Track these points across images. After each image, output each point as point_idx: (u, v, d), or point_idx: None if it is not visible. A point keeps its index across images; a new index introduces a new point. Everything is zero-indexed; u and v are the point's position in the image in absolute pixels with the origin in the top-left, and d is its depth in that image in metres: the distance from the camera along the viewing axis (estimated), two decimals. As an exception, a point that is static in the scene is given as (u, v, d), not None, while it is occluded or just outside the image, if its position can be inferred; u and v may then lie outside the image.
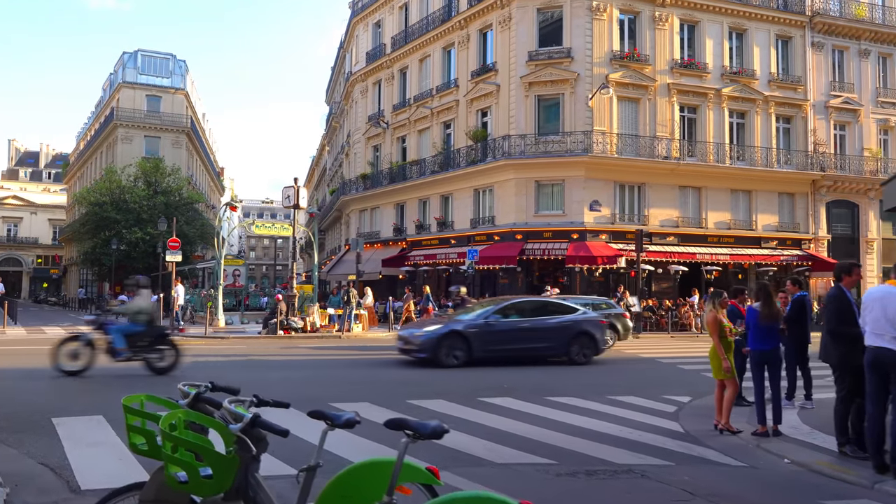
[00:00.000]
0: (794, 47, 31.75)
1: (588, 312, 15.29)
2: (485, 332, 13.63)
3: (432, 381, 11.32)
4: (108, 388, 9.76)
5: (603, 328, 15.11)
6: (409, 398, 9.17)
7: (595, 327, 14.74)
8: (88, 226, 43.93)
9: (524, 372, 12.75)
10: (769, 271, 30.09)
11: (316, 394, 9.49)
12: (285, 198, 21.22)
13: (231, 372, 12.17)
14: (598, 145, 27.56)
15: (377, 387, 10.69)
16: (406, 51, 36.02)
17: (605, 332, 15.22)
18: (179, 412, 2.84)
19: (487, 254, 27.69)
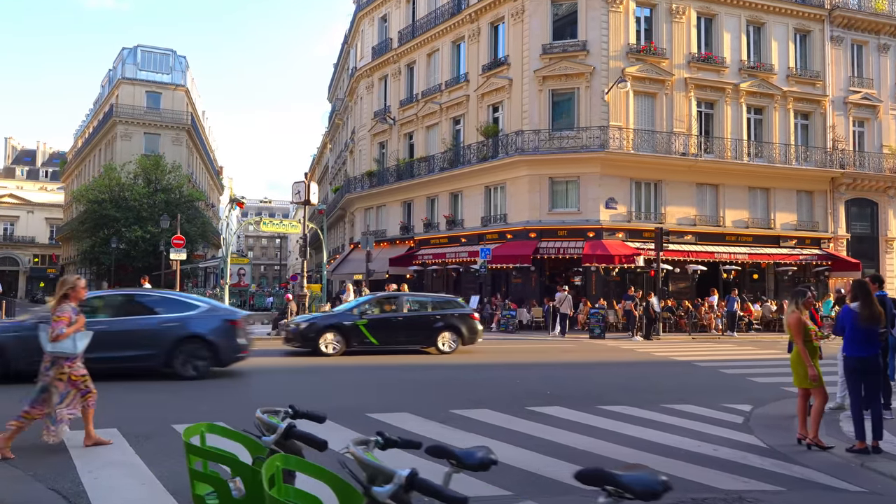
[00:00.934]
0: (812, 41, 31.01)
1: (212, 309, 11.72)
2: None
3: (468, 384, 10.53)
4: (123, 394, 8.93)
5: (229, 333, 11.19)
6: (451, 406, 8.37)
7: (218, 331, 11.05)
8: (87, 224, 43.06)
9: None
10: (788, 271, 29.36)
11: (349, 403, 8.68)
12: (295, 193, 20.39)
13: (247, 377, 11.35)
14: (614, 141, 26.78)
15: (412, 392, 9.89)
16: (413, 45, 35.20)
17: (234, 337, 11.27)
18: (277, 459, 2.02)
19: (500, 252, 26.89)
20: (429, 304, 16.74)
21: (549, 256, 26.73)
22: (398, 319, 15.78)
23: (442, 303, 16.85)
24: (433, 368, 13.19)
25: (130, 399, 8.88)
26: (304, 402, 3.15)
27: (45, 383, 5.90)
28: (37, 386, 5.94)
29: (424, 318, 15.94)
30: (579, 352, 17.23)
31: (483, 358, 15.26)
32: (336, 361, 14.03)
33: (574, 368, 13.73)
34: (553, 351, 17.42)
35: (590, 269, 26.49)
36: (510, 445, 6.37)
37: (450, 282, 32.41)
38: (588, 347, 18.54)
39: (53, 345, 5.94)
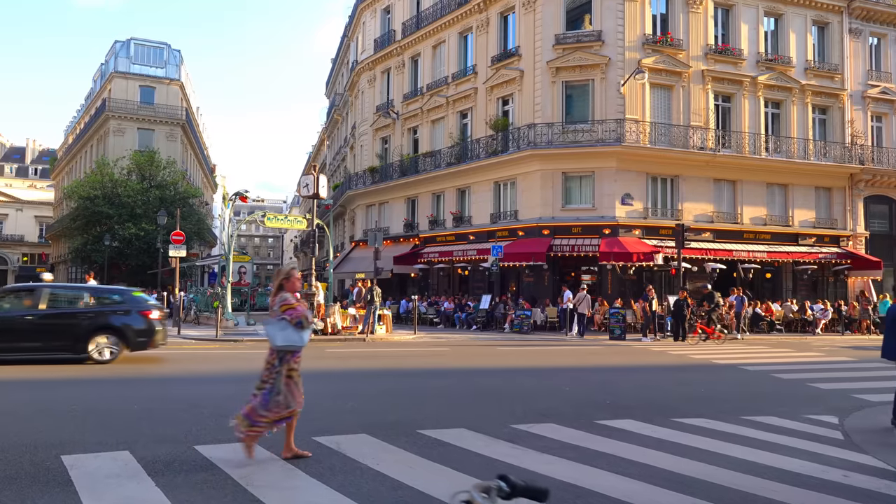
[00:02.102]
0: (831, 34, 30.15)
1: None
2: None
3: (515, 393, 9.48)
4: (132, 410, 7.81)
5: None
6: (511, 420, 7.31)
7: None
8: (79, 221, 41.71)
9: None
10: (808, 270, 28.47)
11: (395, 416, 7.56)
12: (304, 186, 19.26)
13: None
14: (630, 135, 25.80)
15: (461, 403, 8.81)
16: (418, 37, 34.12)
17: None
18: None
19: (512, 250, 25.88)
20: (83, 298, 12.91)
21: (563, 254, 25.74)
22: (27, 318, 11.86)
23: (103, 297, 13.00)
24: (440, 375, 12.11)
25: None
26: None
27: (276, 382, 5.47)
28: (266, 386, 5.51)
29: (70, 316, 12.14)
30: (610, 354, 16.21)
31: (513, 361, 14.21)
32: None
33: (616, 373, 12.69)
34: (581, 353, 16.40)
35: (605, 268, 25.51)
36: (609, 473, 5.34)
37: (457, 280, 31.39)
38: (616, 349, 17.52)
39: (284, 337, 5.48)
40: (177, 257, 22.43)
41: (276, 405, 5.42)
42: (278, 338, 5.51)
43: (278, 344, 5.51)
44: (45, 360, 11.72)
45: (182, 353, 14.45)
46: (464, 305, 27.33)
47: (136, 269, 40.32)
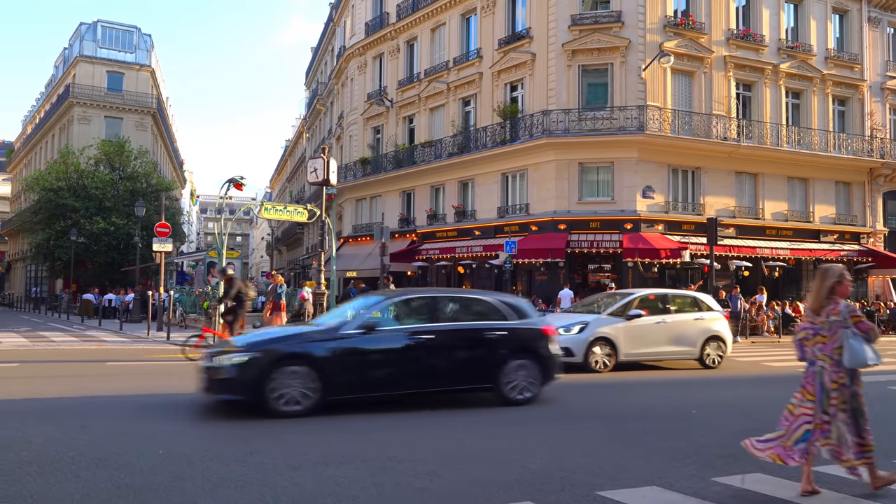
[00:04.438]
0: (850, 22, 28.95)
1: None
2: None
3: (651, 417, 7.49)
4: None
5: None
6: (694, 467, 5.29)
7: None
8: (41, 215, 38.53)
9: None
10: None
11: (539, 464, 5.50)
12: (312, 171, 17.03)
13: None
14: (652, 122, 24.09)
15: (593, 437, 6.76)
16: (415, 19, 32.00)
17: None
18: None
19: (525, 246, 23.96)
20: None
21: (581, 250, 23.93)
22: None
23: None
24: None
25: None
26: None
27: (852, 402, 4.78)
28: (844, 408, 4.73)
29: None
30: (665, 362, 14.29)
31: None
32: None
33: (710, 388, 10.77)
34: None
35: (626, 265, 23.75)
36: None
37: (460, 279, 29.34)
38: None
39: (860, 354, 4.68)
40: (162, 252, 19.92)
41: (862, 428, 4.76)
42: (861, 355, 4.68)
43: (859, 363, 4.69)
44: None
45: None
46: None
47: (105, 267, 37.37)
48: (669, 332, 12.56)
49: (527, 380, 8.34)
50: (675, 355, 12.74)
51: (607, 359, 11.92)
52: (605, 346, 11.92)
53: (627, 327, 12.11)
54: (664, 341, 12.46)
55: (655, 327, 12.47)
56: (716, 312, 13.39)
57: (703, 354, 12.78)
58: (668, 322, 12.63)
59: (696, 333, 12.76)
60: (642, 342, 12.26)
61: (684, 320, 12.85)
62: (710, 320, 13.05)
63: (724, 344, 13.07)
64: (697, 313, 13.11)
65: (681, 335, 12.65)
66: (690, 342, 12.70)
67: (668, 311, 12.93)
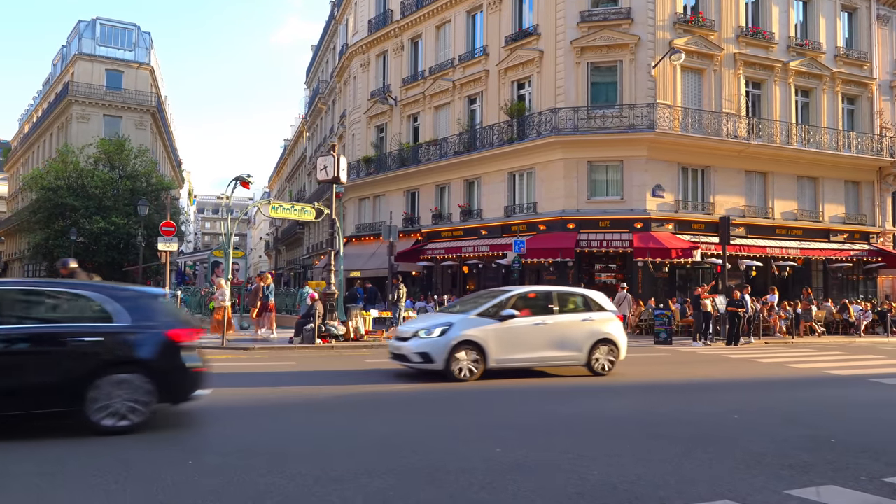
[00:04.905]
0: (859, 19, 28.72)
1: None
2: None
3: (697, 423, 7.18)
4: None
5: None
6: (765, 478, 4.98)
7: None
8: (40, 214, 38.07)
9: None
10: (842, 268, 26.91)
11: (600, 476, 5.17)
12: (321, 169, 16.72)
13: (323, 426, 7.36)
14: (662, 120, 23.81)
15: (650, 447, 6.44)
16: (419, 17, 31.65)
17: None
18: None
19: (533, 245, 23.64)
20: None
21: (591, 250, 23.65)
22: None
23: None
24: (573, 394, 9.78)
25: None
26: None
27: None
28: None
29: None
30: (690, 364, 13.99)
31: (587, 378, 11.93)
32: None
33: (746, 391, 10.41)
34: (654, 363, 14.17)
35: (636, 265, 23.47)
36: None
37: (465, 279, 29.03)
38: (687, 357, 15.37)
39: None
40: (167, 251, 19.56)
41: None
42: None
43: None
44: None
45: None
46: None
47: (105, 267, 36.90)
48: (551, 335, 11.20)
49: (130, 401, 6.45)
50: (557, 361, 11.35)
51: (474, 365, 10.49)
52: (472, 351, 10.50)
53: (499, 330, 10.67)
54: (544, 345, 11.11)
55: (534, 329, 11.05)
56: (608, 313, 12.07)
57: (591, 360, 11.49)
58: (549, 324, 11.23)
59: (583, 336, 11.47)
60: (518, 346, 10.87)
61: (569, 322, 11.54)
62: (600, 321, 11.75)
63: (616, 348, 11.82)
64: (586, 314, 11.80)
65: (564, 338, 11.31)
66: (576, 346, 11.38)
67: (551, 312, 11.50)
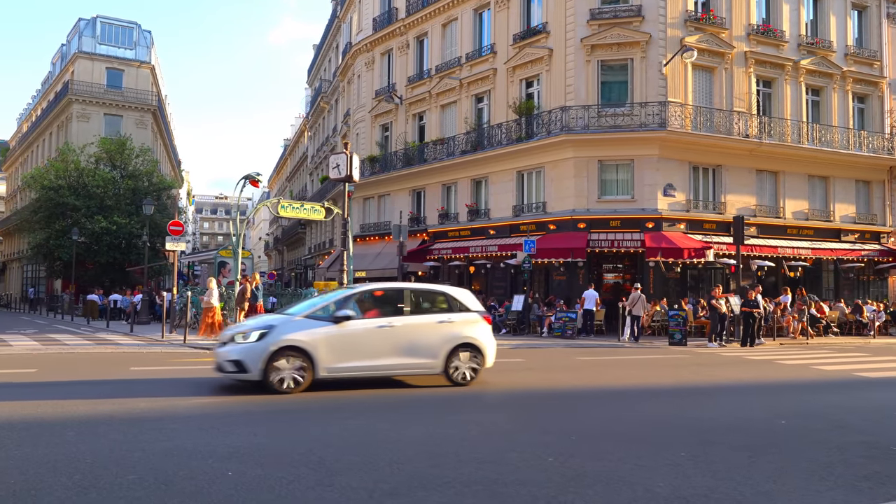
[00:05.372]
0: (869, 18, 28.54)
1: None
2: None
3: (750, 430, 6.91)
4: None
5: None
6: (845, 491, 4.71)
7: None
8: (41, 214, 37.69)
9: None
10: (853, 268, 26.69)
11: (670, 487, 4.89)
12: (333, 167, 16.41)
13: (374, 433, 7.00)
14: (674, 119, 23.56)
15: (708, 453, 6.15)
16: (425, 15, 31.39)
17: None
18: None
19: (543, 245, 23.41)
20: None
21: (601, 250, 23.39)
22: None
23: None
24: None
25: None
26: None
27: None
28: None
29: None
30: (710, 366, 13.72)
31: (622, 378, 11.63)
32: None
33: (777, 394, 10.15)
34: (672, 365, 13.89)
35: (647, 265, 23.21)
36: None
37: (471, 279, 28.76)
38: (706, 359, 15.09)
39: None
40: (175, 251, 19.25)
41: None
42: None
43: None
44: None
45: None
46: (489, 307, 24.70)
47: (106, 267, 36.62)
48: (399, 339, 9.76)
49: None
50: (406, 369, 9.92)
51: (299, 375, 9.06)
52: (297, 357, 9.07)
53: (334, 333, 9.30)
54: (390, 351, 9.68)
55: (377, 333, 9.66)
56: (473, 314, 10.53)
57: (448, 367, 9.97)
58: (396, 326, 9.79)
59: (440, 341, 9.96)
60: (357, 353, 9.47)
61: (422, 324, 10.12)
62: (461, 324, 10.23)
63: (480, 354, 10.25)
64: (444, 315, 10.32)
65: (415, 343, 9.86)
66: (430, 352, 9.88)
67: (401, 312, 10.12)
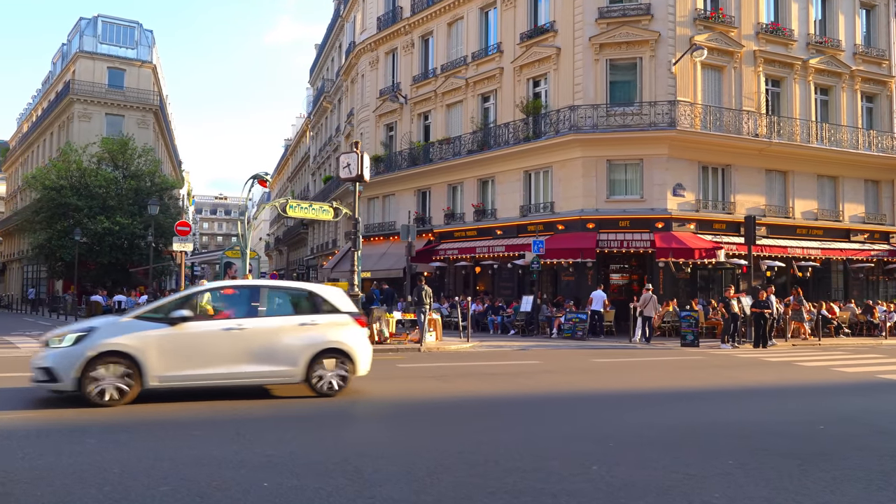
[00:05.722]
0: (877, 17, 28.40)
1: None
2: None
3: (794, 436, 6.71)
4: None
5: None
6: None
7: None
8: (43, 214, 37.44)
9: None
10: (862, 269, 26.53)
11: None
12: (344, 167, 16.24)
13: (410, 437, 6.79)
14: (683, 118, 23.38)
15: (763, 465, 5.96)
16: (430, 14, 31.20)
17: None
18: None
19: (552, 246, 23.22)
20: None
21: (611, 250, 23.22)
22: None
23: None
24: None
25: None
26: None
27: None
28: None
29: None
30: (730, 367, 13.54)
31: (640, 380, 11.44)
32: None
33: (802, 397, 10.02)
34: (689, 367, 13.71)
35: (657, 266, 23.03)
36: None
37: (477, 279, 28.58)
38: (724, 360, 14.92)
39: None
40: (182, 251, 19.07)
41: None
42: None
43: None
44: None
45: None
46: (497, 308, 24.52)
47: (108, 268, 36.39)
48: (250, 344, 8.61)
49: None
50: (259, 377, 8.74)
51: (123, 384, 7.97)
52: (121, 364, 7.98)
53: (168, 336, 8.25)
54: (239, 357, 8.54)
55: (223, 336, 8.51)
56: (342, 315, 9.38)
57: (310, 375, 8.84)
58: (247, 329, 8.66)
59: (300, 345, 8.83)
60: (197, 359, 8.38)
61: (280, 326, 8.95)
62: (327, 326, 9.10)
63: (349, 361, 9.10)
64: (308, 316, 9.16)
65: (270, 348, 8.71)
66: (288, 358, 8.75)
67: (255, 313, 8.95)
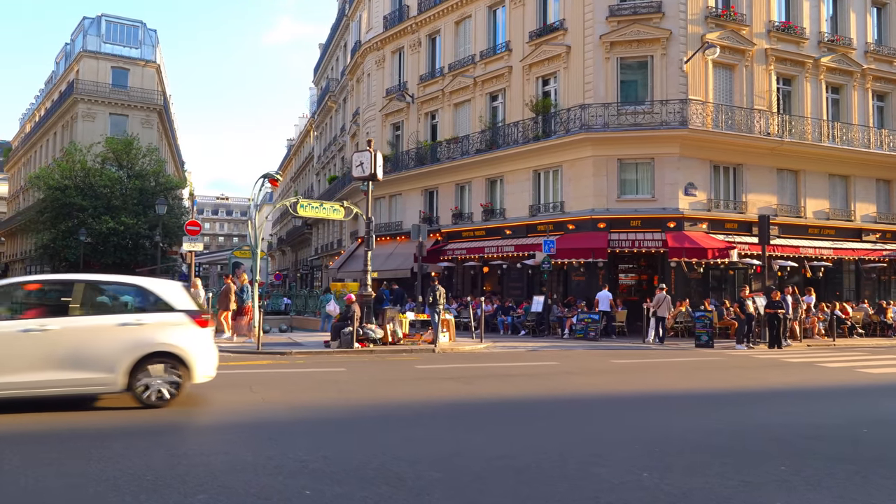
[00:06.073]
0: (889, 15, 28.18)
1: None
2: None
3: (836, 440, 6.51)
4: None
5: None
6: None
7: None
8: (47, 214, 37.30)
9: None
10: (874, 268, 26.32)
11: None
12: (357, 165, 16.03)
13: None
14: (695, 117, 23.18)
15: (818, 473, 5.74)
16: (437, 12, 31.02)
17: None
18: None
19: (563, 246, 23.02)
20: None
21: (622, 250, 23.01)
22: None
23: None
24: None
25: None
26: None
27: None
28: None
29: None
30: (751, 368, 13.34)
31: (662, 381, 11.24)
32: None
33: (832, 399, 9.82)
34: (707, 368, 13.50)
35: (668, 266, 22.83)
36: None
37: (485, 279, 28.38)
38: (742, 361, 14.72)
39: None
40: (192, 252, 18.87)
41: None
42: None
43: None
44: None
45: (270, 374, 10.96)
46: (507, 308, 24.32)
47: (113, 268, 36.20)
48: (54, 348, 7.47)
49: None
50: (65, 386, 7.53)
51: None
52: None
53: None
54: (40, 363, 7.40)
55: (21, 339, 7.39)
56: (177, 314, 8.09)
57: (133, 384, 7.69)
58: (52, 330, 7.49)
59: (119, 349, 7.68)
60: None
61: (93, 327, 7.76)
62: (155, 327, 7.91)
63: (183, 366, 7.95)
64: (132, 315, 7.99)
65: (81, 352, 7.57)
66: (103, 364, 7.59)
67: (66, 312, 7.74)
